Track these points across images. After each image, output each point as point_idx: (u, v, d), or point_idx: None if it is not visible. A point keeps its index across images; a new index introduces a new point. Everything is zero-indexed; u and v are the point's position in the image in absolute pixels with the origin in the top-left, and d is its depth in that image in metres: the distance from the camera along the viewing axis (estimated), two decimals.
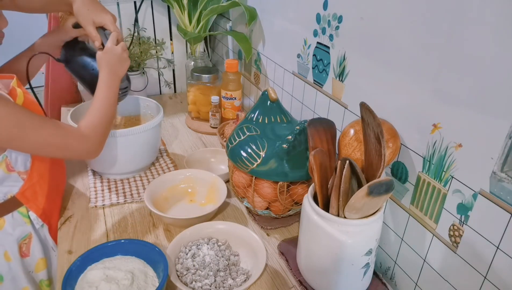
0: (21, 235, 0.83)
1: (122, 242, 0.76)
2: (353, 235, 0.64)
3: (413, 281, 0.72)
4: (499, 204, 0.53)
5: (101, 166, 1.03)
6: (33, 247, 0.85)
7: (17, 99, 0.75)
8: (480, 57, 0.52)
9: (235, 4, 1.17)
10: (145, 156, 1.06)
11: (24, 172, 0.80)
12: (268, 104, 0.86)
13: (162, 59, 1.53)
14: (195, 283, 0.72)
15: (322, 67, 0.89)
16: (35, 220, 0.83)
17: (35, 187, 0.82)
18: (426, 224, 0.67)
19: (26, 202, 0.81)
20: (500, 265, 0.54)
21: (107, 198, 0.98)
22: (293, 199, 0.85)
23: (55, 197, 0.91)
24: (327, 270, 0.69)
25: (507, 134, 0.50)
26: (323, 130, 0.73)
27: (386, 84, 0.70)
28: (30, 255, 0.85)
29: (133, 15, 1.40)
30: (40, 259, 0.87)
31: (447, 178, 0.61)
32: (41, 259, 0.87)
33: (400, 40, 0.65)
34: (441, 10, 0.57)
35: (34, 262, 0.86)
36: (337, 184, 0.63)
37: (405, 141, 0.68)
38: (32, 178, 0.81)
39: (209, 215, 0.88)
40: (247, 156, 0.82)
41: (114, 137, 0.95)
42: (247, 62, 1.33)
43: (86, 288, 0.68)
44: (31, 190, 0.81)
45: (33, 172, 0.81)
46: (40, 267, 0.87)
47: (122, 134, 0.95)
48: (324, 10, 0.84)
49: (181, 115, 1.44)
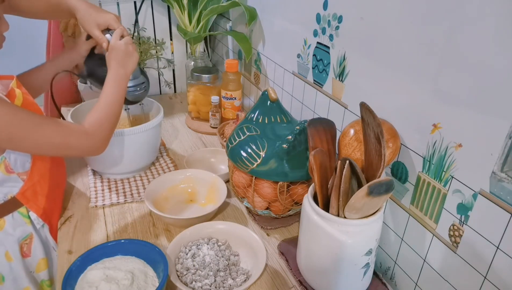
0: (22, 235, 0.82)
1: (122, 242, 0.76)
2: (353, 235, 0.64)
3: (413, 281, 0.72)
4: (499, 204, 0.53)
5: (101, 165, 1.03)
6: (34, 247, 0.85)
7: (16, 100, 0.75)
8: (480, 57, 0.52)
9: (235, 4, 1.17)
10: (145, 156, 1.06)
11: (23, 173, 0.79)
12: (268, 104, 0.86)
13: (162, 59, 1.53)
14: (195, 283, 0.72)
15: (322, 67, 0.89)
16: (35, 220, 0.83)
17: (35, 187, 0.82)
18: (426, 224, 0.67)
19: (26, 202, 0.81)
20: (500, 265, 0.54)
21: (107, 198, 0.98)
22: (293, 199, 0.85)
23: (56, 197, 0.90)
24: (327, 270, 0.69)
25: (507, 134, 0.50)
26: (323, 130, 0.73)
27: (386, 84, 0.70)
28: (31, 255, 0.85)
29: (133, 15, 1.40)
30: (41, 259, 0.87)
31: (447, 178, 0.61)
32: (42, 259, 0.87)
33: (400, 40, 0.65)
34: (441, 10, 0.57)
35: (35, 262, 0.86)
36: (337, 184, 0.63)
37: (405, 141, 0.68)
38: (33, 178, 0.81)
39: (209, 215, 0.88)
40: (247, 156, 0.82)
41: (115, 137, 0.95)
42: (247, 62, 1.33)
43: (86, 288, 0.68)
44: (31, 190, 0.81)
45: (33, 172, 0.80)
46: (41, 267, 0.87)
47: (122, 134, 0.95)
48: (324, 10, 0.84)
49: (181, 115, 1.44)
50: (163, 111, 1.06)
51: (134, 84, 0.94)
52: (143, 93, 0.98)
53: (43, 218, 0.84)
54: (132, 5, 1.40)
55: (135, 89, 0.95)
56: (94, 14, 0.87)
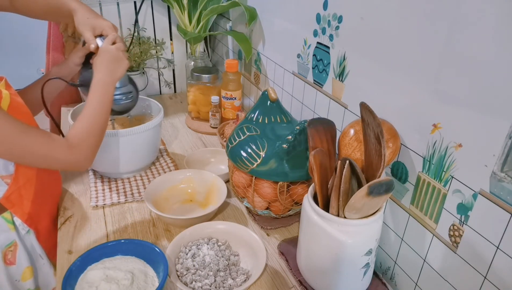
0: (5, 242, 0.79)
1: (122, 242, 0.76)
2: (353, 235, 0.64)
3: (413, 281, 0.72)
4: (499, 204, 0.53)
5: (101, 166, 1.03)
6: (19, 255, 0.82)
7: (3, 101, 0.72)
8: (480, 57, 0.52)
9: (235, 4, 1.17)
10: (145, 156, 1.06)
11: (7, 176, 0.76)
12: (268, 104, 0.86)
13: (162, 59, 1.53)
14: (195, 283, 0.72)
15: (322, 67, 0.89)
16: (20, 225, 0.80)
17: (20, 191, 0.78)
18: (426, 224, 0.67)
19: (11, 207, 0.77)
20: (500, 265, 0.54)
21: (107, 197, 0.98)
22: (293, 199, 0.85)
23: (44, 201, 0.86)
24: (327, 270, 0.69)
25: (507, 134, 0.50)
26: (323, 130, 0.73)
27: (386, 84, 0.70)
28: (16, 263, 0.82)
29: (133, 15, 1.40)
30: (26, 268, 0.83)
31: (447, 178, 0.61)
32: (27, 267, 0.84)
33: (400, 40, 0.65)
34: (441, 10, 0.57)
35: (20, 270, 0.83)
36: (337, 184, 0.63)
37: (405, 141, 0.68)
38: (18, 182, 0.77)
39: (209, 215, 0.88)
40: (247, 156, 0.82)
41: (115, 137, 0.95)
42: (247, 62, 1.33)
43: (86, 288, 0.68)
44: (16, 194, 0.77)
45: (18, 176, 0.76)
46: (26, 276, 0.84)
47: (122, 134, 0.95)
48: (324, 10, 0.84)
49: (181, 115, 1.44)
50: (163, 111, 1.07)
51: (121, 92, 0.90)
52: (129, 103, 0.93)
53: (28, 223, 0.81)
54: (132, 5, 1.40)
55: (120, 98, 0.90)
56: (91, 18, 0.86)
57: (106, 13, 1.37)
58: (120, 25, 1.41)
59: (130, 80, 0.95)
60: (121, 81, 0.89)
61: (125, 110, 0.95)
